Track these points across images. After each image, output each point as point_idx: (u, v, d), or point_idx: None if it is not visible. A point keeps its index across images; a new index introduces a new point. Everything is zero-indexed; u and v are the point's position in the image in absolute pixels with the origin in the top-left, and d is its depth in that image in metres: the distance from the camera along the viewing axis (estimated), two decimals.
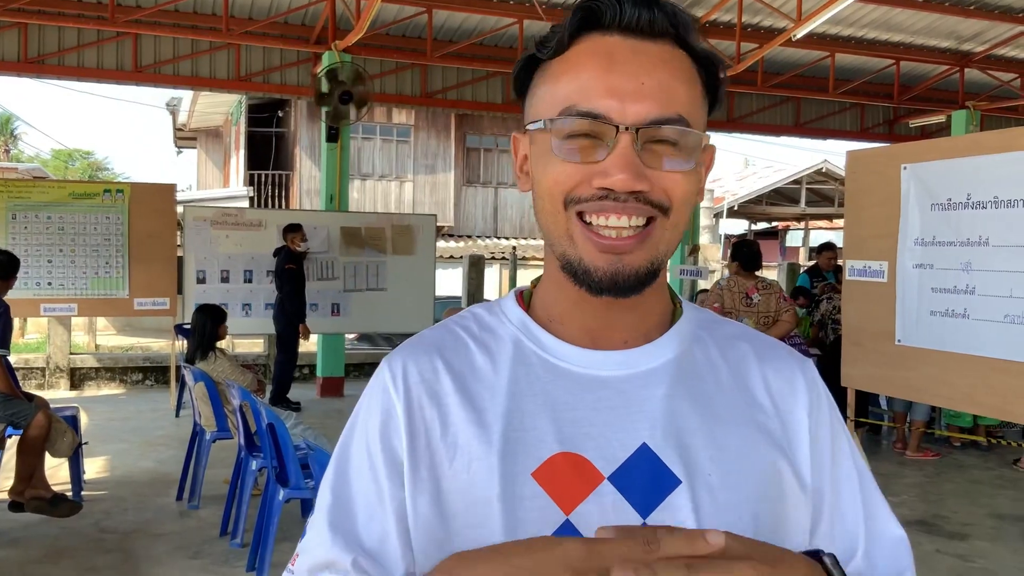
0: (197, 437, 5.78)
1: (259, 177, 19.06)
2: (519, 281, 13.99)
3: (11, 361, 6.12)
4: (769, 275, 7.42)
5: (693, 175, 0.87)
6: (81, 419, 6.06)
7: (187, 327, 6.92)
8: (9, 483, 5.21)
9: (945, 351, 4.79)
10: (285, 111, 19.14)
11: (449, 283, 15.46)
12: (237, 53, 10.19)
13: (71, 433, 5.39)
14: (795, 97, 12.63)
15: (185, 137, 24.34)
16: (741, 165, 26.63)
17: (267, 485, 4.55)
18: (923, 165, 4.93)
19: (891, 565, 0.94)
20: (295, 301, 8.83)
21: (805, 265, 13.65)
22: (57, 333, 10.20)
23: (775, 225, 26.71)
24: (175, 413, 8.67)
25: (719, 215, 22.89)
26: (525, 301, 0.99)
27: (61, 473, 5.76)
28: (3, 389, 5.08)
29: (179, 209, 9.66)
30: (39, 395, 5.50)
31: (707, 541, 0.67)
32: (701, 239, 17.14)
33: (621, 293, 0.86)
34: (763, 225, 26.70)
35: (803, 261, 21.76)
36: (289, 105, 18.48)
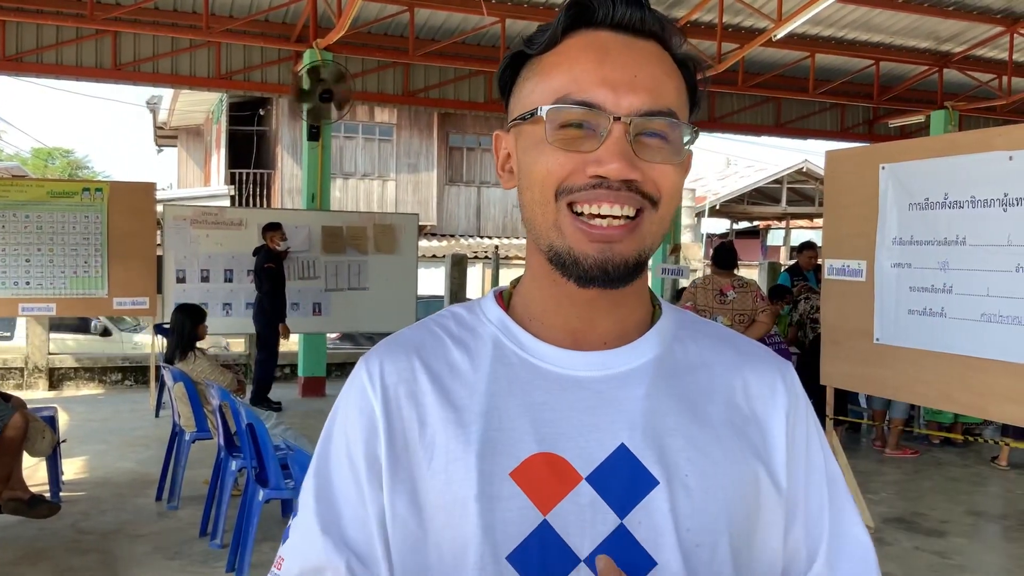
0: (177, 437, 5.75)
1: (240, 176, 18.94)
2: (502, 280, 13.99)
3: None
4: (750, 274, 7.45)
5: (680, 169, 0.88)
6: (60, 419, 6.01)
7: (167, 327, 6.89)
8: None
9: (922, 349, 4.84)
10: (266, 109, 19.03)
11: (431, 282, 15.44)
12: (218, 51, 10.12)
13: (49, 432, 5.34)
14: (776, 97, 12.68)
15: (165, 136, 24.14)
16: (723, 164, 26.72)
17: (247, 485, 4.53)
18: (901, 165, 4.97)
19: (853, 570, 0.94)
20: (275, 300, 8.78)
21: (786, 264, 13.72)
22: (35, 333, 10.11)
23: (756, 224, 26.85)
24: (155, 413, 8.63)
25: (701, 214, 22.99)
26: (505, 301, 0.98)
27: (39, 474, 5.71)
28: None
29: (159, 208, 9.61)
30: (16, 395, 5.46)
31: None
32: (683, 238, 17.18)
33: (609, 283, 0.86)
34: (744, 224, 26.84)
35: (784, 260, 21.87)
36: (270, 103, 18.39)
